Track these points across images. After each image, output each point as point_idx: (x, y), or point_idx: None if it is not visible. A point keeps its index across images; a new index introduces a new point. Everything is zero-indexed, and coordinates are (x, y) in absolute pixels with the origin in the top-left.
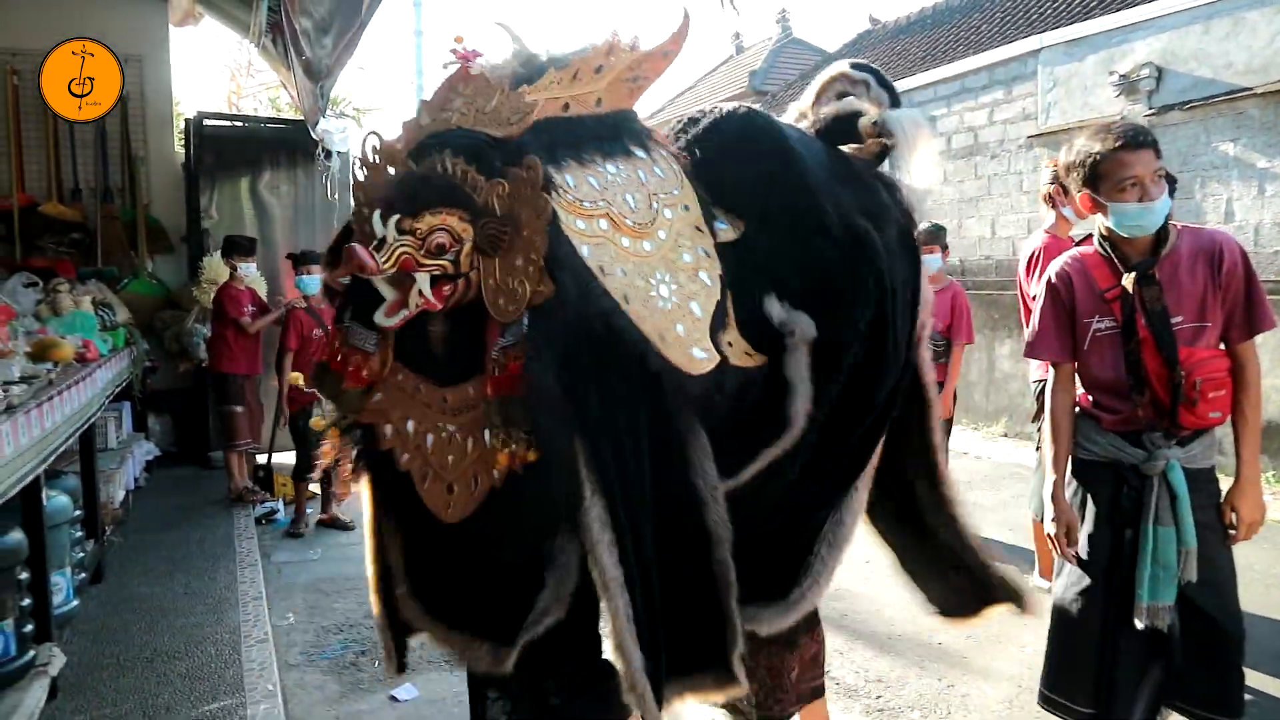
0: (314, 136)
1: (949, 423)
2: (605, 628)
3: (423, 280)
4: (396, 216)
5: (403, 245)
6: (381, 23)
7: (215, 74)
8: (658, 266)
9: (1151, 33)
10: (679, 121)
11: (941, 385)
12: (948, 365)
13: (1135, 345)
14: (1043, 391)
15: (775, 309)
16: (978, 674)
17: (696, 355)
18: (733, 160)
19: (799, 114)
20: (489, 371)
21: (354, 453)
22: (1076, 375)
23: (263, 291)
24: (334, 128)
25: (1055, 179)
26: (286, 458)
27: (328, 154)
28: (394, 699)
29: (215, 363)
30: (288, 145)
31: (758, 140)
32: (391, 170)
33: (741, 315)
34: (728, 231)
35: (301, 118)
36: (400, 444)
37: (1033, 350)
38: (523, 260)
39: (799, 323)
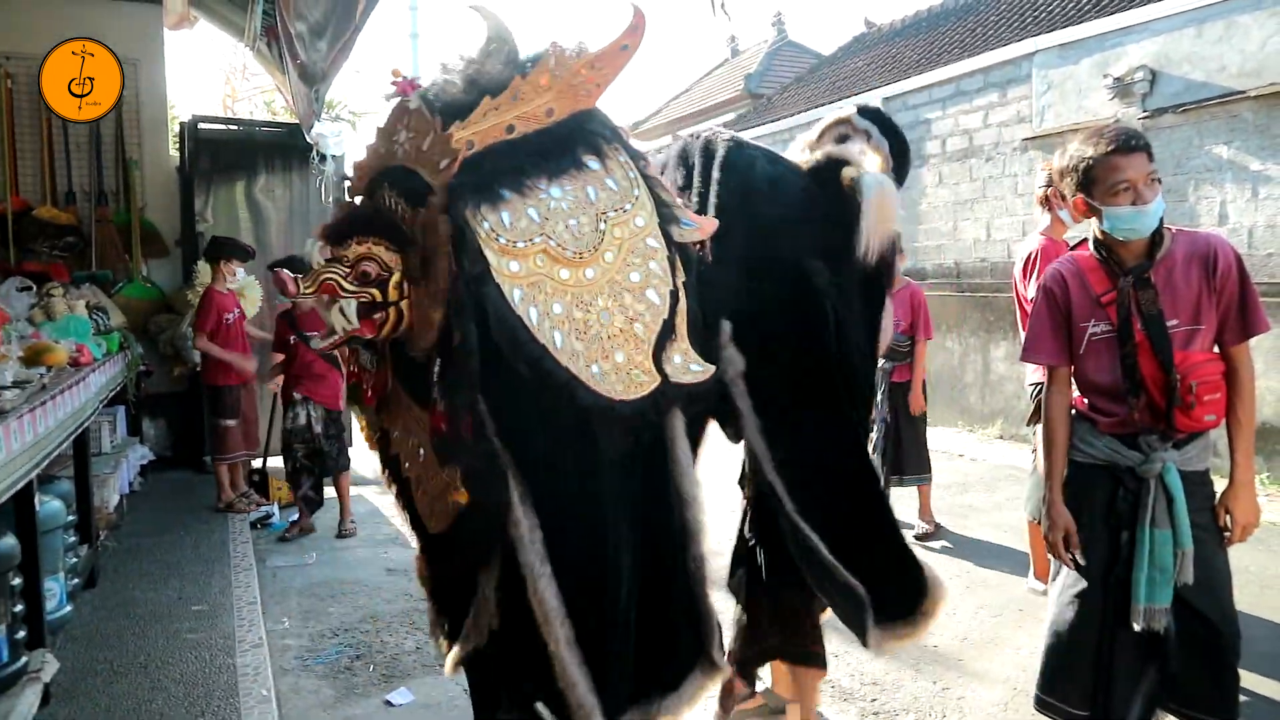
0: (309, 140)
1: (924, 417)
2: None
3: (347, 307)
4: (318, 243)
5: (328, 272)
6: (377, 26)
7: (211, 77)
8: (600, 292)
9: (1145, 36)
10: (677, 138)
11: (909, 383)
12: (912, 364)
13: (1131, 349)
14: (1039, 394)
15: (725, 332)
16: (973, 677)
17: (636, 378)
18: (713, 185)
19: (805, 145)
20: (434, 410)
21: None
22: (1072, 379)
23: (258, 297)
24: (329, 131)
25: (1051, 182)
26: (279, 461)
27: (322, 158)
28: (389, 704)
29: (206, 374)
30: (283, 149)
31: (728, 173)
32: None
33: (696, 321)
34: (693, 231)
35: (296, 121)
36: (402, 453)
37: (1029, 354)
38: (436, 288)
39: (731, 360)
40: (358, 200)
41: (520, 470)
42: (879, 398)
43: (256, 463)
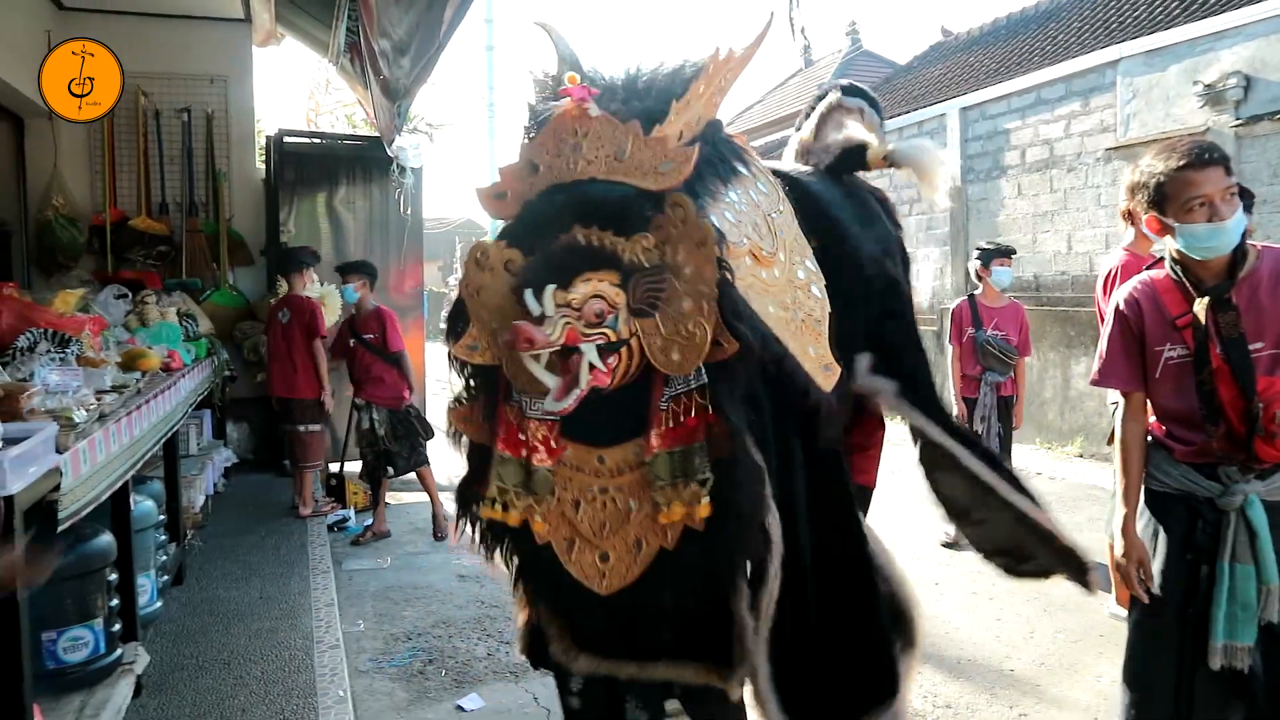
0: (389, 153)
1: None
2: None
3: (590, 352)
4: (552, 288)
5: (564, 316)
6: (454, 39)
7: (295, 92)
8: (786, 290)
9: (1239, 40)
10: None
11: (1014, 398)
12: (1015, 379)
13: (1208, 374)
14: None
15: (864, 364)
16: (1050, 703)
17: (828, 370)
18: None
19: (801, 144)
20: (657, 425)
21: (480, 526)
22: (1148, 404)
23: (337, 305)
24: (408, 144)
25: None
26: (357, 465)
27: (402, 170)
28: (460, 709)
29: (276, 386)
30: (363, 161)
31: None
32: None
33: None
34: (811, 241)
35: (376, 134)
36: (539, 516)
37: (1101, 378)
38: (691, 303)
39: (884, 389)
40: (502, 222)
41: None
42: (987, 411)
43: (334, 467)
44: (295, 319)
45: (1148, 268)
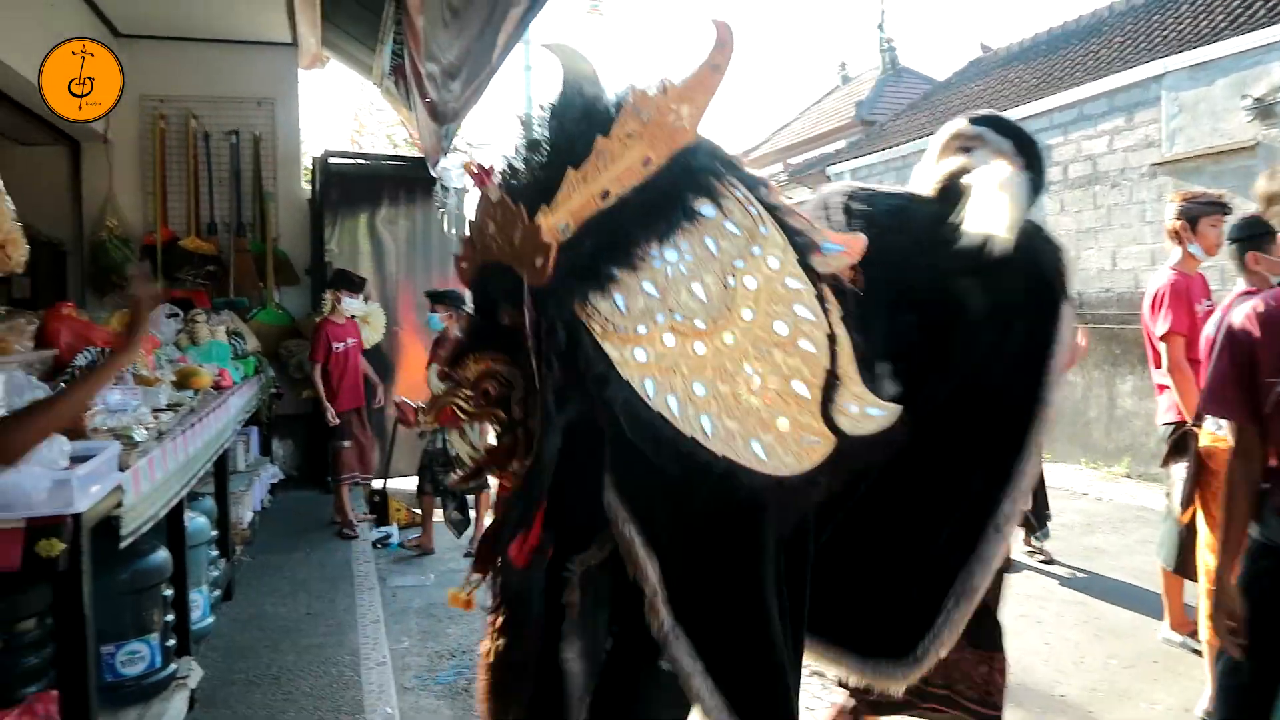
0: (433, 175)
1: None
2: None
3: (471, 432)
4: (434, 366)
5: (448, 397)
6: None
7: (339, 113)
8: (745, 356)
9: None
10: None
11: None
12: None
13: None
14: (1174, 435)
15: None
16: None
17: (809, 442)
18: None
19: (925, 167)
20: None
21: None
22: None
23: (381, 324)
24: (452, 165)
25: (1181, 214)
26: (400, 483)
27: (445, 190)
28: None
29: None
30: (406, 182)
31: (849, 221)
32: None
33: (865, 353)
34: (838, 255)
35: (420, 155)
36: None
37: (1209, 405)
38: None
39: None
40: (469, 298)
41: (667, 569)
42: None
43: (377, 484)
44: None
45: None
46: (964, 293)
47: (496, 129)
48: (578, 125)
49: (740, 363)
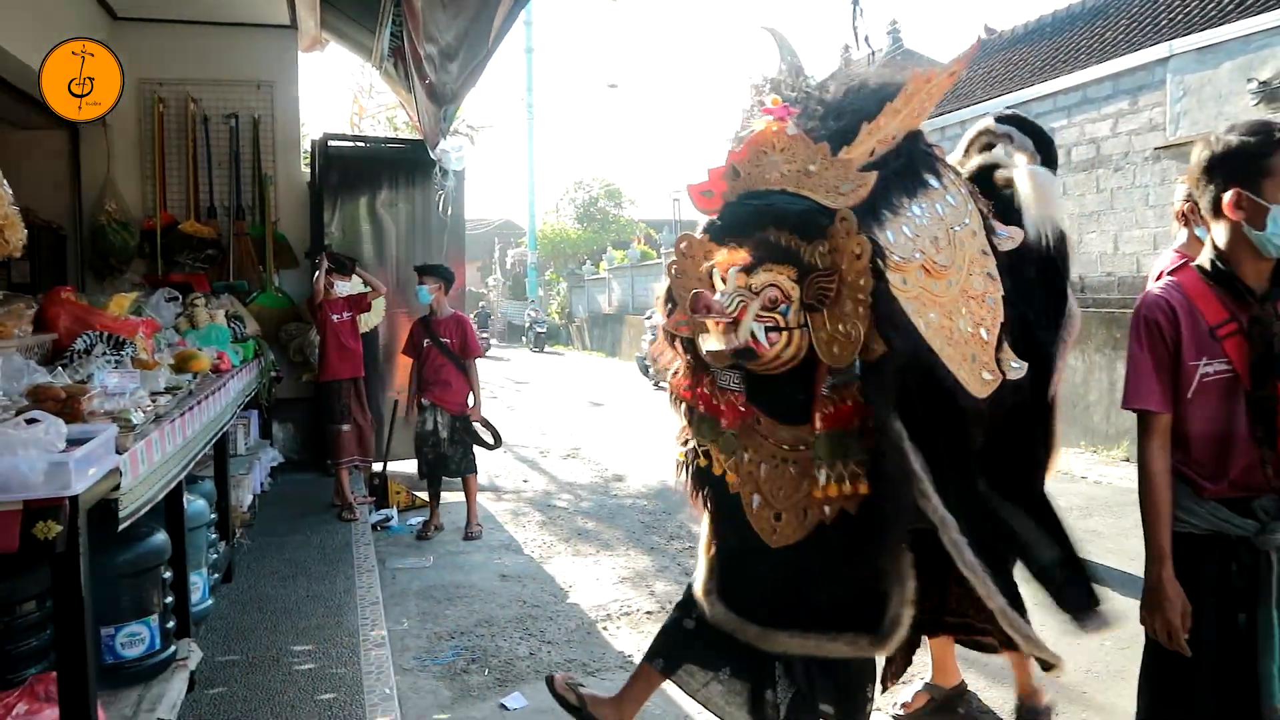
0: (432, 157)
1: None
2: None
3: (755, 326)
4: (736, 270)
5: (740, 296)
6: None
7: (339, 96)
8: (958, 301)
9: None
10: None
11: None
12: None
13: (1271, 391)
14: None
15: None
16: (1096, 711)
17: (985, 378)
18: None
19: (954, 162)
20: (820, 409)
21: (690, 473)
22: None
23: (380, 310)
24: (450, 147)
25: (1189, 197)
26: (399, 466)
27: (444, 173)
28: (504, 707)
29: (318, 372)
30: (405, 164)
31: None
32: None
33: (1013, 325)
34: (1008, 241)
35: (418, 138)
36: (735, 470)
37: (1132, 399)
38: (850, 305)
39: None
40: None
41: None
42: None
43: (377, 466)
44: None
45: (1170, 272)
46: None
47: (498, 111)
48: (871, 93)
49: (956, 305)
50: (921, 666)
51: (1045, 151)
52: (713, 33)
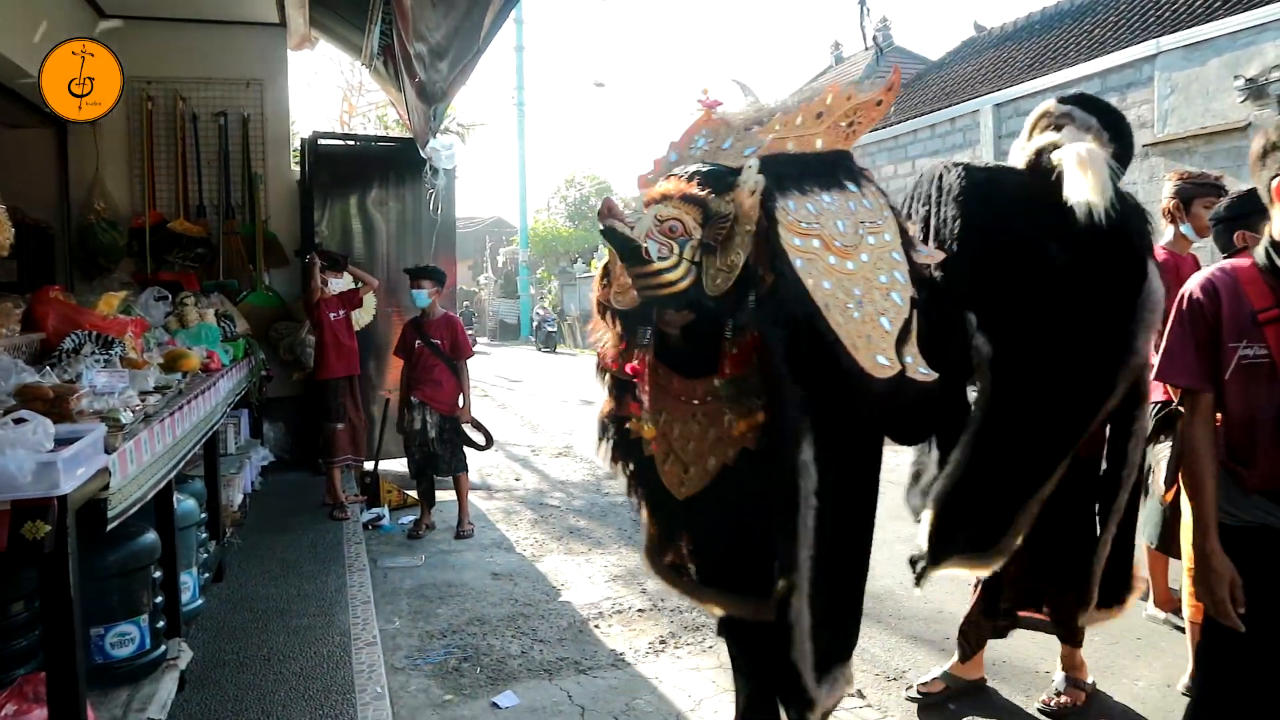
0: (422, 155)
1: None
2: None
3: (651, 247)
4: (649, 203)
5: (646, 219)
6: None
7: (329, 94)
8: (858, 283)
9: None
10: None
11: None
12: None
13: None
14: (1160, 414)
15: (970, 323)
16: None
17: (880, 361)
18: (945, 206)
19: (1017, 145)
20: (724, 356)
21: (611, 443)
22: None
23: (371, 307)
24: (441, 146)
25: (1176, 194)
26: (392, 465)
27: (435, 171)
28: (496, 706)
29: (315, 371)
30: (395, 163)
31: (947, 189)
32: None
33: (928, 332)
34: (926, 258)
35: (409, 136)
36: (646, 434)
37: (1165, 373)
38: (740, 238)
39: (979, 348)
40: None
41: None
42: None
43: (369, 465)
44: None
45: (1226, 256)
46: (1051, 251)
47: (488, 109)
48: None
49: (854, 285)
50: (940, 655)
51: (1114, 128)
52: (705, 30)
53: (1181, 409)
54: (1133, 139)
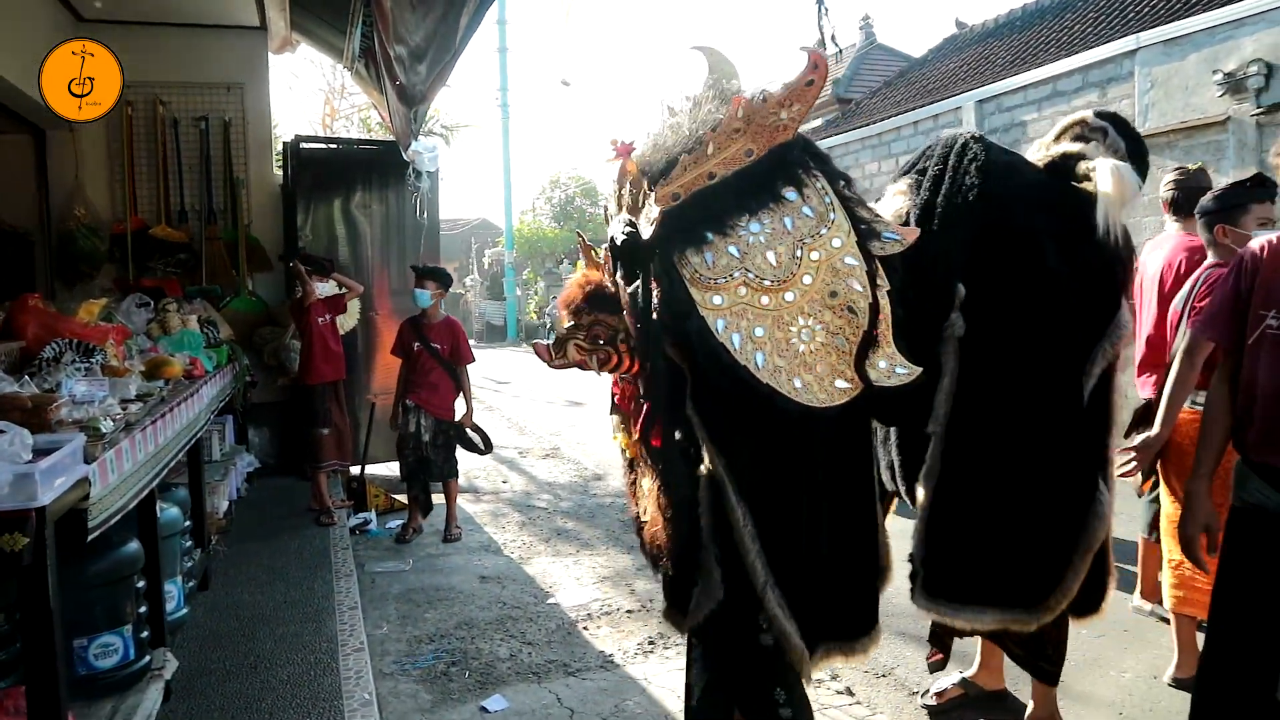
0: (405, 158)
1: None
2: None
3: (590, 360)
4: (563, 313)
5: (571, 338)
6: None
7: (310, 98)
8: (800, 312)
9: (1260, 28)
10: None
11: None
12: None
13: None
14: (1143, 409)
15: (959, 294)
16: (1075, 699)
17: (839, 386)
18: (946, 177)
19: (1040, 145)
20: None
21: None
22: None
23: (355, 313)
24: (424, 148)
25: (1176, 185)
26: (378, 469)
27: (418, 174)
28: (484, 710)
29: (300, 375)
30: (379, 166)
31: (962, 157)
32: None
33: (907, 319)
34: (895, 243)
35: (392, 139)
36: (629, 444)
37: (1202, 328)
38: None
39: (954, 324)
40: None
41: (732, 467)
42: None
43: (355, 470)
44: None
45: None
46: (1048, 251)
47: (472, 111)
48: (694, 121)
49: (795, 316)
50: (962, 658)
51: (1138, 160)
52: (687, 28)
53: (1154, 406)
54: (1146, 170)
